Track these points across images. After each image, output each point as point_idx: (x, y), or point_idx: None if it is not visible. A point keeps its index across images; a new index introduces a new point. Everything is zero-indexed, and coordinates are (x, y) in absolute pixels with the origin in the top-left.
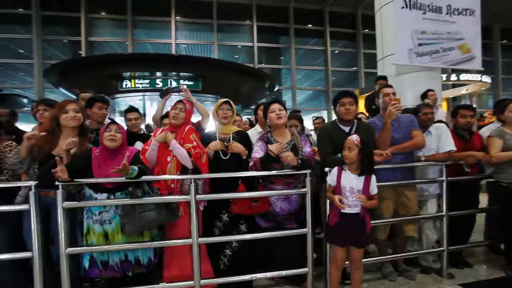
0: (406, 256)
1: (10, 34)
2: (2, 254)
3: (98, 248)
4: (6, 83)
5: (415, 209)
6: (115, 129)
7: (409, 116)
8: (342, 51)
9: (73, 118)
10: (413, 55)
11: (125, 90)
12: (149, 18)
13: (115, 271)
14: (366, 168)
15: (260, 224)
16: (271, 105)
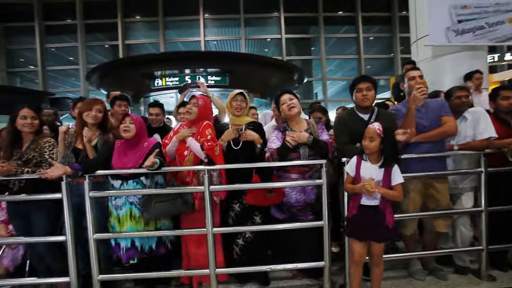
0: (436, 254)
1: (61, 43)
2: (41, 237)
3: (121, 234)
4: (59, 88)
5: (446, 202)
6: (129, 120)
7: (439, 100)
8: (377, 37)
9: (93, 116)
10: (452, 34)
11: (157, 89)
12: (179, 18)
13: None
14: (389, 159)
15: (276, 216)
16: (281, 97)
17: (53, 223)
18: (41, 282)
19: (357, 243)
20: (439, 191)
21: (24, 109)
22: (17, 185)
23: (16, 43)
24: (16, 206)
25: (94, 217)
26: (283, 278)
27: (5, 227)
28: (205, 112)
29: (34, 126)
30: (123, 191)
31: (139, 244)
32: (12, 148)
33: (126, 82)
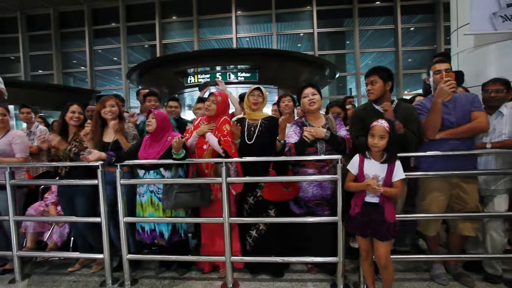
0: (462, 258)
1: (106, 45)
2: (77, 218)
3: (148, 219)
4: (105, 86)
5: (474, 204)
6: (151, 116)
7: (470, 95)
8: (418, 27)
9: (109, 112)
10: (499, 20)
11: (190, 85)
12: (212, 16)
13: (146, 237)
14: (393, 156)
15: (294, 211)
16: (304, 90)
17: (93, 205)
18: (80, 256)
19: (361, 240)
20: (467, 192)
21: (74, 105)
22: (64, 171)
23: (70, 46)
24: (63, 189)
25: (124, 202)
26: (297, 271)
27: (55, 208)
28: (223, 108)
29: (80, 120)
30: (149, 179)
31: (158, 230)
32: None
33: (162, 80)
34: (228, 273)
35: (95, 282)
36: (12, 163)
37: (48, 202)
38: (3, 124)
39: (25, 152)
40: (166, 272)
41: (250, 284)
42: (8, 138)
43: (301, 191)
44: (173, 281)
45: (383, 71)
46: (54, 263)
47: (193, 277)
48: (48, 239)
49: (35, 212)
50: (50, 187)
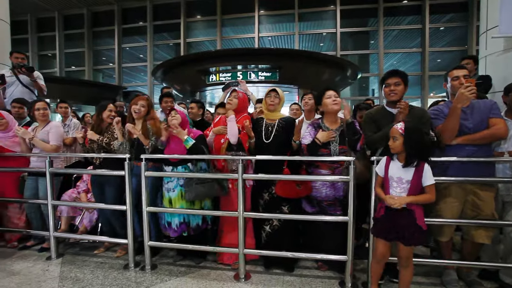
0: (475, 266)
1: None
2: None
3: (167, 210)
4: (131, 82)
5: (490, 212)
6: (174, 112)
7: (488, 101)
8: (447, 27)
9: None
10: None
11: (212, 84)
12: (235, 15)
13: (175, 231)
14: (412, 159)
15: (306, 209)
16: (327, 91)
17: (121, 194)
18: (108, 241)
19: (381, 242)
20: (483, 199)
21: (110, 105)
22: (98, 161)
23: (101, 44)
24: (95, 178)
25: (148, 193)
26: (307, 267)
27: (85, 195)
28: (243, 104)
29: (114, 118)
30: (170, 173)
31: (188, 220)
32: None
33: (185, 78)
34: (241, 265)
35: (119, 264)
36: (49, 151)
37: (80, 189)
38: (44, 118)
39: (58, 140)
40: (183, 260)
41: (261, 276)
42: (47, 128)
43: (314, 191)
44: (189, 268)
45: (405, 76)
46: (84, 245)
47: (208, 266)
48: (79, 223)
49: (69, 198)
50: (81, 176)
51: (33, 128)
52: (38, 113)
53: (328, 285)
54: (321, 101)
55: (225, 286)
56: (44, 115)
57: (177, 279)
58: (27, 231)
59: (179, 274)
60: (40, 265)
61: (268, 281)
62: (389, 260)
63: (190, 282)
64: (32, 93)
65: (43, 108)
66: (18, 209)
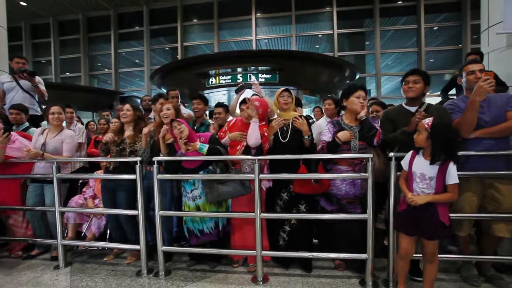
0: (497, 260)
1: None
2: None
3: (181, 213)
4: (127, 87)
5: (509, 205)
6: (177, 123)
7: (505, 95)
8: (442, 26)
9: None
10: None
11: (211, 87)
12: (232, 18)
13: (210, 236)
14: (438, 156)
15: (325, 208)
16: (358, 90)
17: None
18: (120, 248)
19: (404, 238)
20: (502, 192)
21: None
22: (113, 165)
23: (97, 50)
24: (107, 183)
25: (160, 198)
26: (325, 267)
27: (92, 201)
28: (262, 117)
29: (129, 117)
30: (186, 175)
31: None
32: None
33: (183, 81)
34: (259, 267)
35: (131, 271)
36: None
37: (86, 195)
38: (59, 122)
39: (72, 152)
40: (197, 265)
41: (279, 278)
42: (61, 137)
43: (334, 188)
44: (205, 273)
45: (426, 75)
46: (91, 252)
47: (223, 270)
48: (86, 230)
49: (76, 205)
50: (88, 182)
51: (42, 131)
52: (52, 117)
53: (348, 284)
54: (348, 97)
55: None
56: (59, 119)
57: (193, 284)
58: (34, 240)
59: (194, 279)
60: (48, 274)
61: (287, 283)
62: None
63: (207, 287)
64: (33, 98)
65: (58, 112)
66: (22, 218)
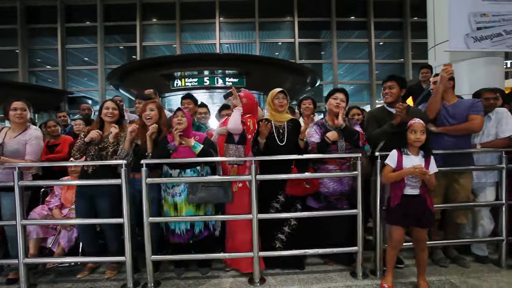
0: (460, 243)
1: (81, 44)
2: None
3: (170, 218)
4: (72, 87)
5: (465, 196)
6: (181, 114)
7: (472, 100)
8: (387, 42)
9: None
10: (471, 40)
11: (177, 89)
12: (195, 21)
13: (181, 237)
14: (429, 149)
15: (312, 205)
16: (336, 93)
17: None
18: (101, 260)
19: (397, 230)
20: (462, 184)
21: (108, 102)
22: (91, 169)
23: (39, 43)
24: (84, 189)
25: (149, 203)
26: (315, 264)
27: (59, 211)
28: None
29: (115, 116)
30: (174, 178)
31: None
32: None
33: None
34: (255, 269)
35: (114, 286)
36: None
37: (51, 205)
38: (21, 120)
39: (37, 155)
40: (187, 272)
41: (276, 278)
42: (24, 137)
43: (322, 186)
44: (198, 280)
45: (400, 79)
46: (59, 270)
47: (217, 275)
48: (53, 245)
49: (39, 217)
50: (52, 190)
51: (0, 129)
52: (14, 113)
53: (341, 277)
54: (327, 100)
55: None
56: (22, 116)
57: None
58: None
59: (189, 287)
60: None
61: (284, 281)
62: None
63: None
64: None
65: (21, 108)
66: None
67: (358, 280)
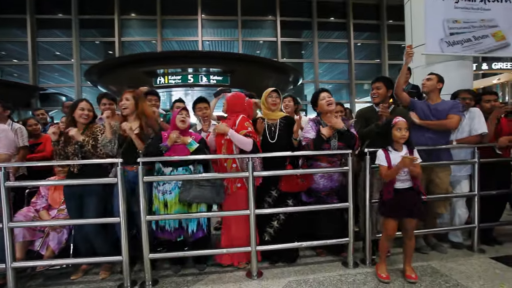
0: (438, 231)
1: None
2: (95, 219)
3: (171, 216)
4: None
5: (444, 188)
6: (186, 113)
7: (452, 101)
8: (365, 43)
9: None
10: (444, 45)
11: (160, 86)
12: (177, 17)
13: (170, 234)
14: (411, 144)
15: (304, 200)
16: (320, 94)
17: (103, 207)
18: (98, 261)
19: (391, 222)
20: (440, 177)
21: (83, 102)
22: (76, 168)
23: (5, 35)
24: (72, 189)
25: (146, 201)
26: (308, 256)
27: (47, 213)
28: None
29: (89, 117)
30: (172, 176)
31: (184, 224)
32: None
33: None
34: (253, 262)
35: (109, 286)
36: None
37: (38, 207)
38: None
39: (9, 148)
40: (183, 269)
41: (272, 271)
42: None
43: (314, 183)
44: (196, 276)
45: (387, 80)
46: (47, 274)
47: (214, 271)
48: (41, 248)
49: (25, 219)
50: (38, 191)
51: None
52: None
53: (333, 267)
54: (316, 104)
55: (243, 285)
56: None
57: None
58: None
59: (188, 283)
60: None
61: (280, 273)
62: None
63: None
64: None
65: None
66: None
67: (349, 269)
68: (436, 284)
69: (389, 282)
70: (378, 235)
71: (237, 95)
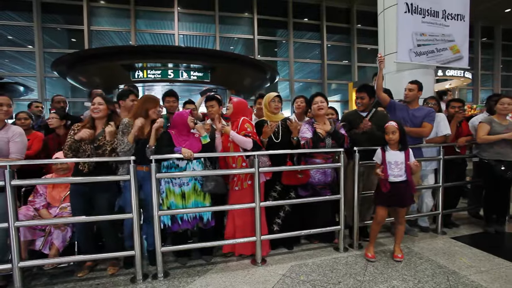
0: (409, 218)
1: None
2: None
3: (178, 211)
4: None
5: (416, 181)
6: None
7: (428, 109)
8: (336, 45)
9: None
10: (413, 55)
11: (138, 81)
12: (152, 8)
13: (188, 224)
14: (405, 144)
15: (301, 194)
16: (315, 98)
17: (113, 205)
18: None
19: (382, 210)
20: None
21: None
22: (87, 168)
23: None
24: (80, 188)
25: (159, 196)
26: (303, 243)
27: (47, 211)
28: (240, 110)
29: (101, 111)
30: (181, 173)
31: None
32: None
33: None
34: (258, 251)
35: (121, 281)
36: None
37: (37, 205)
38: (5, 117)
39: (22, 153)
40: (191, 261)
41: (274, 258)
42: (7, 134)
43: (310, 178)
44: (205, 266)
45: (370, 90)
46: (51, 273)
47: (220, 261)
48: (43, 247)
49: (25, 218)
50: (36, 190)
51: None
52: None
53: (326, 252)
54: (310, 107)
55: (251, 272)
56: (7, 113)
57: (201, 278)
58: None
59: (199, 273)
60: None
61: (282, 260)
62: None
63: (217, 278)
64: None
65: (7, 104)
66: None
67: (341, 253)
68: (412, 261)
69: (375, 261)
70: (366, 223)
71: (242, 102)
